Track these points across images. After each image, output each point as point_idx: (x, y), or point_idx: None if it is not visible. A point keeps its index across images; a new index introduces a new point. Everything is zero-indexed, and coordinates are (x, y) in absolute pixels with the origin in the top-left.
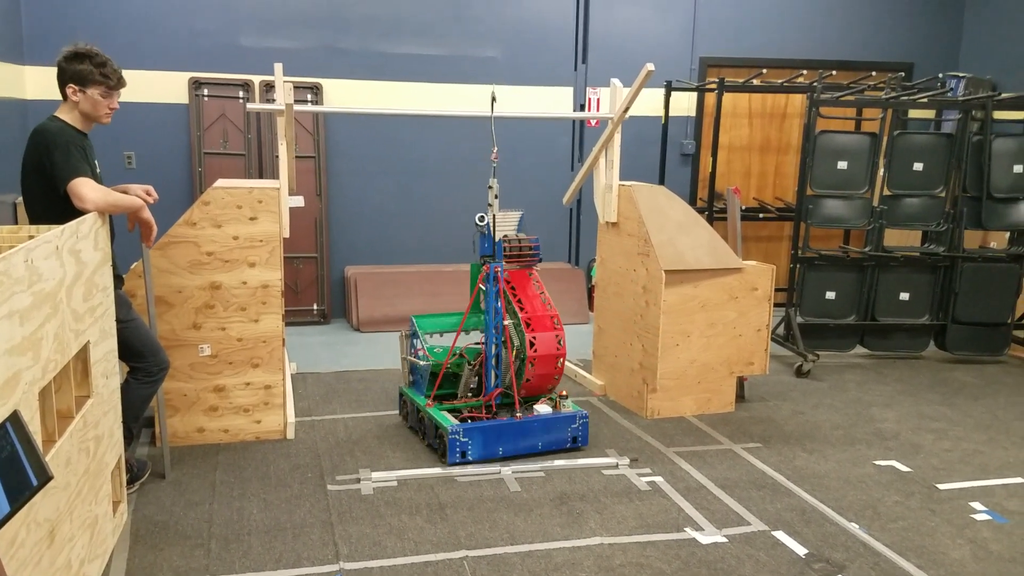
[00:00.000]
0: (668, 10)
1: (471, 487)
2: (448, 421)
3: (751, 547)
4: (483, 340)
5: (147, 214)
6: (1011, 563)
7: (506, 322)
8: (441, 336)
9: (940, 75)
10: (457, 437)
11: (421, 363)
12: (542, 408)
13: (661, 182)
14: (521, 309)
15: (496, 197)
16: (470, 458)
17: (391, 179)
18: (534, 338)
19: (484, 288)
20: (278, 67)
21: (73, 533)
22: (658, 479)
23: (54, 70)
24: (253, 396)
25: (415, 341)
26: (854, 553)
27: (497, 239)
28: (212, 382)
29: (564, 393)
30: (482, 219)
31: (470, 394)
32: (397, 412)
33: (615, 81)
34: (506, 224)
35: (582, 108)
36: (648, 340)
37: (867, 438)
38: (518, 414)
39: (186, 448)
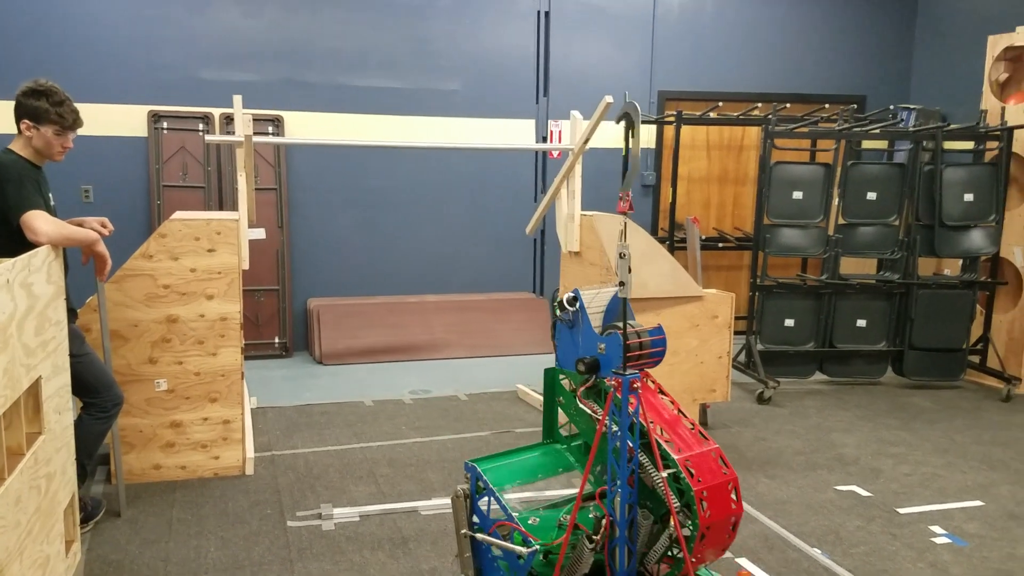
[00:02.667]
0: (627, 45)
1: (435, 520)
2: None
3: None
4: (599, 496)
5: (101, 247)
6: None
7: (664, 474)
8: (522, 489)
9: (892, 107)
10: None
11: (522, 551)
12: None
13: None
14: (669, 444)
15: (630, 271)
16: None
17: (353, 211)
18: (705, 493)
19: (614, 417)
20: (237, 99)
21: (24, 573)
22: None
23: (11, 104)
24: (211, 431)
25: (482, 506)
26: None
27: (602, 329)
28: (169, 417)
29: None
30: (574, 301)
31: None
32: (358, 445)
33: (575, 113)
34: (595, 306)
35: (544, 140)
36: None
37: (828, 463)
38: None
39: (142, 485)
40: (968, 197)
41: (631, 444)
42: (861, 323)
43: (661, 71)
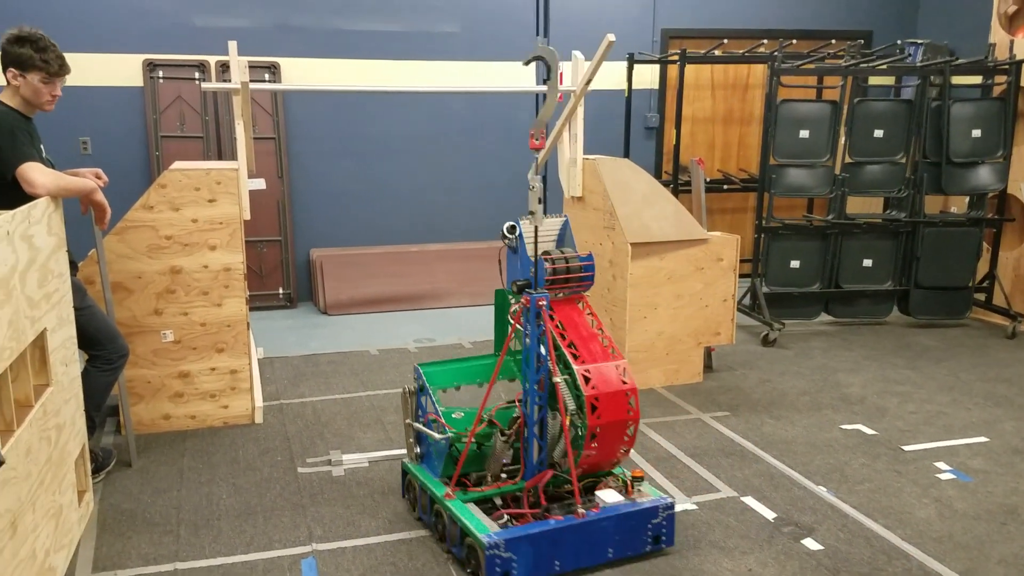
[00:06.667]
0: None
1: None
2: (482, 527)
3: (721, 513)
4: (518, 398)
5: (100, 196)
6: (975, 520)
7: (557, 379)
8: (457, 390)
9: (899, 42)
10: (498, 553)
11: (437, 436)
12: (608, 496)
13: (626, 155)
14: (575, 356)
15: (541, 201)
16: None
17: (353, 159)
18: (596, 399)
19: (522, 328)
20: (232, 45)
21: (37, 523)
22: None
23: None
24: (219, 381)
25: (422, 399)
26: (822, 515)
27: (533, 255)
28: (176, 368)
29: (639, 472)
30: (513, 229)
31: (504, 475)
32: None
33: (576, 53)
34: (543, 236)
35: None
36: (616, 313)
37: (833, 403)
38: (580, 510)
39: (152, 436)
40: (976, 133)
41: (540, 353)
42: (867, 263)
43: (664, 8)
